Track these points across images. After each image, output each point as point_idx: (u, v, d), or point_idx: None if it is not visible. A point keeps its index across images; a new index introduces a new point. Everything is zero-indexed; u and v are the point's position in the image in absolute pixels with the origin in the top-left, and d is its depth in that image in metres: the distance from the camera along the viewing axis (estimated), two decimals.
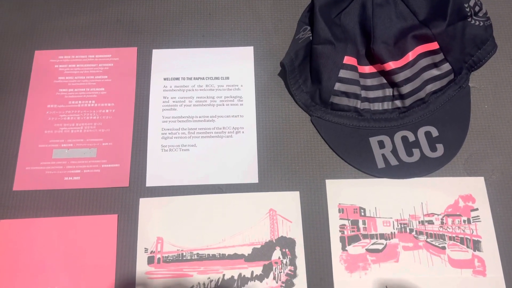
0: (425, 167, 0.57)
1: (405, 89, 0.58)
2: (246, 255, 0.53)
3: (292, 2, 0.66)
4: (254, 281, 0.52)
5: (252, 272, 0.53)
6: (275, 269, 0.53)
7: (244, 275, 0.52)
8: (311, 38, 0.60)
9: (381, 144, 0.58)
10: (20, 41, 0.63)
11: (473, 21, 0.60)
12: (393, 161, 0.57)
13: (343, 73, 0.58)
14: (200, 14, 0.65)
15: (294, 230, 0.54)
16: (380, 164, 0.57)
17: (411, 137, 0.58)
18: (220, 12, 0.66)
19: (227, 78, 0.62)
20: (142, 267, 0.53)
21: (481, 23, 0.61)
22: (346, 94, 0.58)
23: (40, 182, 0.56)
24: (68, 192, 0.56)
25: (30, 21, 0.64)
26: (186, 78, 0.62)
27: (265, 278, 0.52)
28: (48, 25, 0.64)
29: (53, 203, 0.55)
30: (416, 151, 0.57)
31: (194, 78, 0.62)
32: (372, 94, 0.60)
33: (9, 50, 0.63)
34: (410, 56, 0.58)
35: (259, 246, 0.54)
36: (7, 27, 0.64)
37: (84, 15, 0.65)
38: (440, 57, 0.58)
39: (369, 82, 0.60)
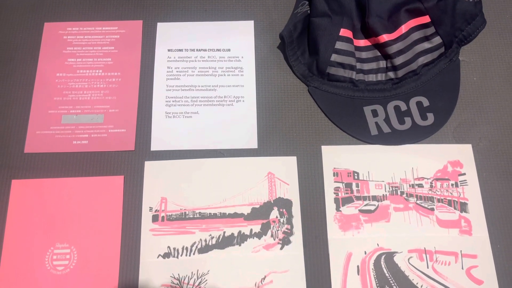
0: (416, 135, 0.60)
1: (398, 60, 0.61)
2: (246, 214, 0.56)
3: None
4: (253, 238, 0.55)
5: (251, 230, 0.56)
6: (273, 227, 0.56)
7: (243, 233, 0.55)
8: (309, 11, 0.63)
9: (375, 113, 0.61)
10: (30, 14, 0.66)
11: None
12: (386, 129, 0.60)
13: (339, 45, 0.61)
14: None
15: (291, 192, 0.57)
16: (374, 131, 0.60)
17: (403, 107, 0.61)
18: None
19: (228, 50, 0.65)
20: (147, 225, 0.56)
21: None
22: (342, 65, 0.61)
23: (50, 145, 0.59)
24: (77, 155, 0.59)
25: None
26: (189, 50, 0.64)
27: (263, 236, 0.55)
28: None
29: (63, 165, 0.58)
30: (407, 120, 0.60)
31: (197, 50, 0.64)
32: (366, 66, 0.63)
33: (19, 22, 0.66)
34: (403, 29, 0.61)
35: (257, 206, 0.57)
36: (18, 1, 0.67)
37: None
38: (431, 30, 0.61)
39: (364, 55, 0.63)
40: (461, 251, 0.55)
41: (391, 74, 0.62)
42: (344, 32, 0.61)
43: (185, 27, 0.66)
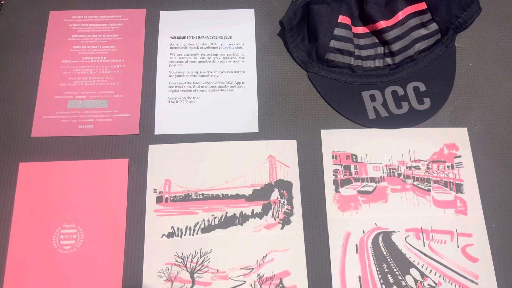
0: (413, 119, 0.61)
1: (395, 46, 0.62)
2: (247, 195, 0.58)
3: None
4: (254, 218, 0.57)
5: (253, 210, 0.57)
6: (274, 207, 0.57)
7: (245, 213, 0.57)
8: None
9: (373, 98, 0.62)
10: (36, 3, 0.67)
11: None
12: (383, 113, 0.62)
13: (338, 31, 0.62)
14: None
15: (291, 174, 0.59)
16: (372, 115, 0.62)
17: (400, 92, 0.63)
18: None
19: (230, 37, 0.66)
20: (151, 205, 0.57)
21: None
22: (341, 51, 0.63)
23: (56, 129, 0.60)
24: (82, 139, 0.60)
25: None
26: (191, 37, 0.66)
27: (264, 216, 0.57)
28: None
29: (69, 149, 0.60)
30: (404, 104, 0.62)
31: (199, 37, 0.66)
32: (364, 52, 0.64)
33: (25, 11, 0.67)
34: (400, 15, 0.62)
35: (259, 188, 0.58)
36: None
37: None
38: (427, 17, 0.63)
39: (362, 41, 0.65)
40: (456, 230, 0.56)
41: (388, 60, 0.63)
42: (343, 19, 0.63)
43: (187, 15, 0.67)
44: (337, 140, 0.61)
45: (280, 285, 0.54)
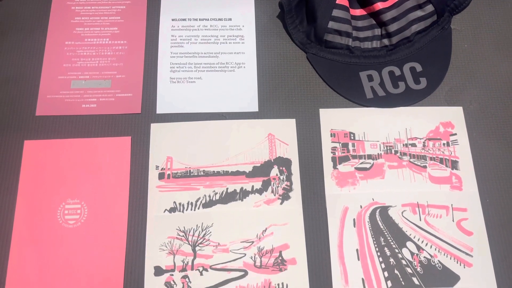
0: (410, 98, 0.63)
1: (392, 27, 0.64)
2: (247, 172, 0.59)
3: None
4: (254, 194, 0.58)
5: (253, 186, 0.59)
6: (273, 184, 0.59)
7: (245, 189, 0.58)
8: None
9: (370, 78, 0.64)
10: None
11: None
12: (381, 92, 0.63)
13: (336, 13, 0.64)
14: None
15: (291, 151, 0.60)
16: (369, 95, 0.63)
17: (397, 72, 0.64)
18: None
19: (230, 19, 0.67)
20: (153, 182, 0.59)
21: None
22: (339, 32, 0.64)
23: (60, 108, 0.62)
24: (86, 118, 0.61)
25: None
26: (192, 19, 0.67)
27: (264, 192, 0.58)
28: None
29: (73, 127, 0.61)
30: (401, 84, 0.63)
31: (200, 19, 0.67)
32: (362, 34, 0.66)
33: None
34: None
35: (258, 165, 0.60)
36: None
37: None
38: None
39: (359, 23, 0.66)
40: (452, 204, 0.58)
41: (385, 41, 0.65)
42: (341, 1, 0.64)
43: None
44: (335, 119, 0.62)
45: (280, 258, 0.55)
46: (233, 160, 0.60)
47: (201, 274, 0.54)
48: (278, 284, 0.54)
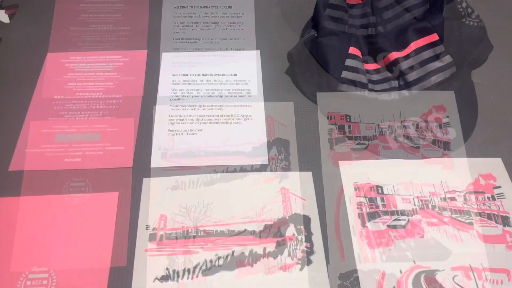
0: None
1: (411, 76, 0.59)
2: (258, 231, 0.49)
3: (297, 14, 0.70)
4: (267, 258, 0.47)
5: (265, 248, 0.48)
6: (290, 245, 0.48)
7: (255, 252, 0.47)
8: (315, 35, 0.63)
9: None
10: (35, 45, 0.65)
11: (467, 22, 0.64)
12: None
13: (349, 62, 0.59)
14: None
15: (309, 207, 0.51)
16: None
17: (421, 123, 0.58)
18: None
19: (235, 74, 0.63)
20: (142, 244, 0.48)
21: (475, 23, 0.64)
22: (353, 83, 0.59)
23: (39, 163, 0.53)
24: (68, 172, 0.53)
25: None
26: (194, 75, 0.63)
27: (279, 255, 0.47)
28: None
29: (52, 182, 0.52)
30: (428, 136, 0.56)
31: (202, 75, 0.63)
32: (378, 87, 0.61)
33: (22, 54, 0.64)
34: (412, 46, 0.60)
35: (271, 223, 0.49)
36: (22, 36, 0.66)
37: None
38: (440, 48, 0.60)
39: (374, 77, 0.61)
40: None
41: (405, 92, 0.59)
42: (353, 51, 0.60)
43: (190, 56, 0.64)
44: (358, 172, 0.54)
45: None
46: (240, 218, 0.50)
47: None
48: None
